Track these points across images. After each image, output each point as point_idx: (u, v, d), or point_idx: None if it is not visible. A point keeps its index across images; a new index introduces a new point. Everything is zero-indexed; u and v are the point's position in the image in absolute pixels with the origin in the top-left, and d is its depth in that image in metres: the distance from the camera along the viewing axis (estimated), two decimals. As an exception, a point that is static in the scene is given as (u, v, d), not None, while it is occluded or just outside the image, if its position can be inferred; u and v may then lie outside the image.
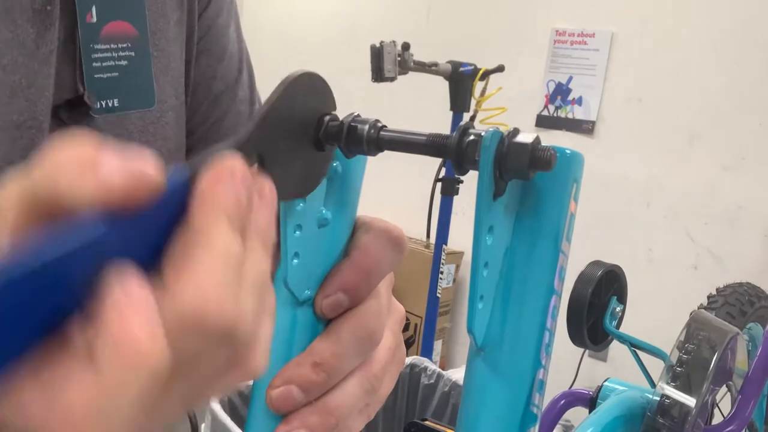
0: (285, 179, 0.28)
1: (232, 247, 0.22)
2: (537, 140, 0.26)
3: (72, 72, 0.51)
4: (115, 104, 0.53)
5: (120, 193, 0.21)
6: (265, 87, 0.69)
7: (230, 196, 0.23)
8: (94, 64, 0.52)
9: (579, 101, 2.70)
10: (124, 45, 0.53)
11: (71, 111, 0.51)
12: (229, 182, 0.23)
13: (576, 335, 1.00)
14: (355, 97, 2.48)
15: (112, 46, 0.53)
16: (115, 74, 0.53)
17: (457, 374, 1.73)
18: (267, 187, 0.25)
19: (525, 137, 0.26)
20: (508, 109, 2.20)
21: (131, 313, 0.21)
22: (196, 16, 0.61)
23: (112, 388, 0.20)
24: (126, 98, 0.54)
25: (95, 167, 0.21)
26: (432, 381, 1.72)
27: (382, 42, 2.05)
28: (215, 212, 0.22)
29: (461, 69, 2.16)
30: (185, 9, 0.59)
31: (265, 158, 0.27)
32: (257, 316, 0.24)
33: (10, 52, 0.47)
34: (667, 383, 0.78)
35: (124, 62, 0.53)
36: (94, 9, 0.51)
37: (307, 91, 0.28)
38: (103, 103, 0.52)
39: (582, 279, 1.00)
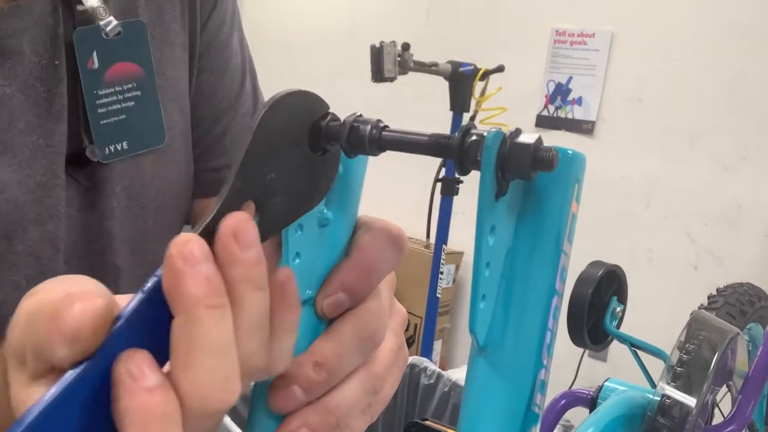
0: (293, 200, 0.28)
1: (213, 331, 0.24)
2: (539, 140, 0.26)
3: (77, 123, 0.50)
4: (124, 147, 0.52)
5: (86, 334, 0.23)
6: (265, 88, 0.69)
7: (195, 286, 0.23)
8: (100, 110, 0.51)
9: (579, 101, 2.70)
10: (130, 85, 0.52)
11: (78, 163, 0.50)
12: (189, 274, 0.24)
13: (576, 335, 1.00)
14: (355, 98, 2.48)
15: (117, 88, 0.52)
16: (123, 117, 0.52)
17: (457, 374, 1.73)
18: (243, 228, 0.25)
19: (527, 137, 0.26)
20: (508, 109, 2.20)
21: (143, 384, 0.23)
22: (198, 34, 0.60)
23: None
24: (135, 139, 0.53)
25: (59, 324, 0.23)
26: (432, 381, 1.72)
27: (382, 42, 2.05)
28: (187, 308, 0.24)
29: (461, 69, 2.16)
30: (187, 30, 0.59)
31: (261, 199, 0.27)
32: (264, 349, 0.26)
33: (26, 114, 0.46)
34: (668, 383, 0.78)
35: (131, 103, 0.53)
36: (95, 54, 0.50)
37: (286, 113, 0.28)
38: (111, 149, 0.51)
39: (582, 279, 1.00)
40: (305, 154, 0.29)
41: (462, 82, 2.16)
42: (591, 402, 0.96)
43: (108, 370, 0.23)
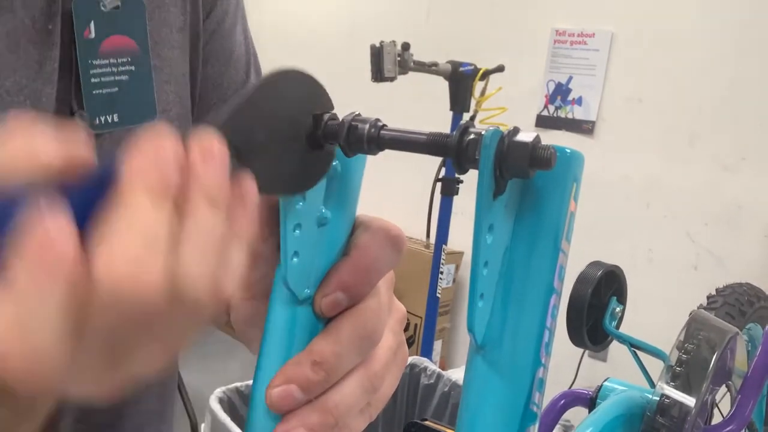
0: (270, 174, 0.28)
1: (149, 217, 0.23)
2: (537, 139, 0.27)
3: (68, 89, 0.50)
4: (115, 119, 0.52)
5: (57, 171, 0.23)
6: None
7: (152, 171, 0.23)
8: (93, 80, 0.51)
9: (579, 101, 2.70)
10: (124, 59, 0.53)
11: None
12: (151, 158, 0.23)
13: (576, 336, 1.00)
14: (354, 97, 2.48)
15: (112, 60, 0.52)
16: (115, 89, 0.52)
17: (456, 374, 1.73)
18: (213, 149, 0.25)
19: (525, 136, 0.26)
20: (508, 109, 2.20)
21: (48, 225, 0.21)
22: (201, 22, 0.60)
23: (28, 297, 0.21)
24: (125, 113, 0.53)
25: (37, 155, 0.24)
26: (432, 381, 1.72)
27: (382, 42, 2.05)
28: (135, 186, 0.23)
29: (461, 69, 2.16)
30: (189, 15, 0.59)
31: (242, 150, 0.26)
32: (209, 270, 0.24)
33: (14, 75, 0.46)
34: (667, 383, 0.78)
35: (124, 77, 0.53)
36: (92, 24, 0.50)
37: (294, 89, 0.28)
38: (102, 119, 0.52)
39: (582, 279, 1.00)
40: (300, 142, 0.29)
41: (462, 82, 2.16)
42: (590, 402, 0.96)
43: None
